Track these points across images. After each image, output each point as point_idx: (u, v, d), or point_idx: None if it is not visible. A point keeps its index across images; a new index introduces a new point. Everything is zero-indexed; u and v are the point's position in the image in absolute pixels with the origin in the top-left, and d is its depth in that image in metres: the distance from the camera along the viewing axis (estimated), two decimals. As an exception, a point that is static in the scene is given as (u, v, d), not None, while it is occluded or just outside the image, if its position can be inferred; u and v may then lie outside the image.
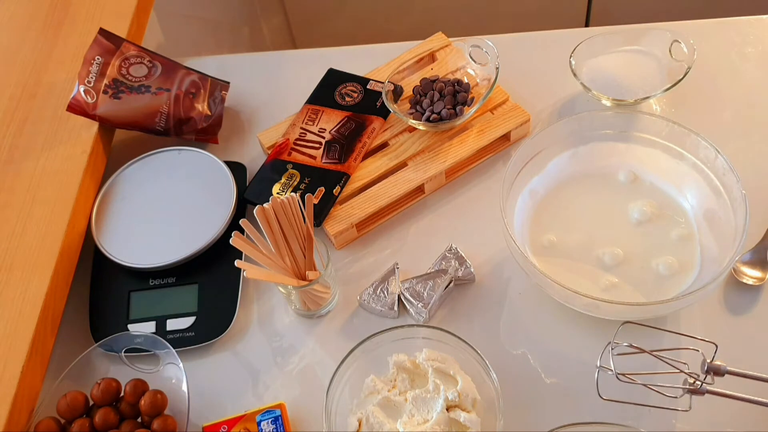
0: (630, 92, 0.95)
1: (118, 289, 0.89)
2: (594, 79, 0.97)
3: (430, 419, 0.73)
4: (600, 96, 0.96)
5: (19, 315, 0.80)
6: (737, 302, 0.82)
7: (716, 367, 0.69)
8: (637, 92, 0.95)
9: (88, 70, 0.96)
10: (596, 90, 0.96)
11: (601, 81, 0.96)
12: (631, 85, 0.95)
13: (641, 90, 0.95)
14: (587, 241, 0.84)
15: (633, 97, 0.95)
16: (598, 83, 0.96)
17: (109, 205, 0.94)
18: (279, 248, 0.81)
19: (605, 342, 0.71)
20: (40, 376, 0.80)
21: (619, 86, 0.95)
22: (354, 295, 0.87)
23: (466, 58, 1.01)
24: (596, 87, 0.96)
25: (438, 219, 0.93)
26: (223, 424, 0.77)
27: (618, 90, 0.95)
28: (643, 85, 0.95)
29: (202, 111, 1.00)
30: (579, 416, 0.73)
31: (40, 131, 0.96)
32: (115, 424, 0.77)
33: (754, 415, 0.74)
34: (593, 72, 0.97)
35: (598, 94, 0.95)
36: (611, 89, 0.95)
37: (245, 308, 0.88)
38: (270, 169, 0.95)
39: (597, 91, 0.96)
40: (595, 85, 0.96)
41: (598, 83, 0.96)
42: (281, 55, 1.15)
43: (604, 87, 0.96)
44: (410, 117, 0.96)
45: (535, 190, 0.87)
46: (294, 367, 0.84)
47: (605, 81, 0.96)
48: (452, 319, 0.85)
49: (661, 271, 0.81)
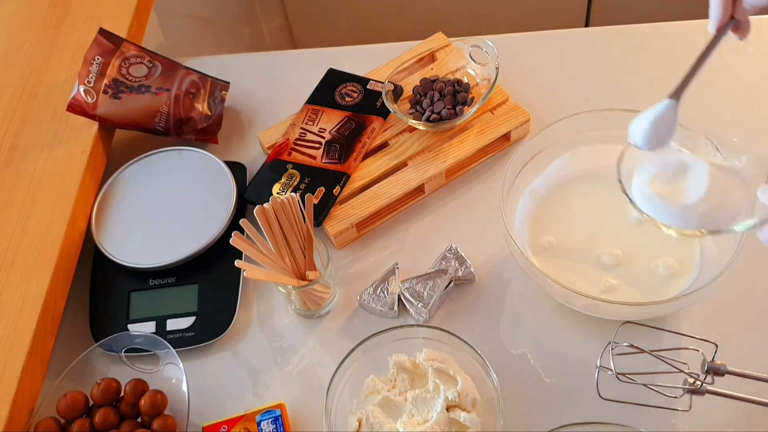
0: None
1: (118, 289, 0.89)
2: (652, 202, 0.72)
3: (430, 419, 0.73)
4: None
5: (19, 315, 0.80)
6: (737, 302, 0.82)
7: (716, 367, 0.69)
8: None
9: (88, 70, 0.96)
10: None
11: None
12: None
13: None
14: (587, 241, 0.84)
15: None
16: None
17: (109, 205, 0.94)
18: (279, 248, 0.81)
19: (605, 342, 0.71)
20: (40, 376, 0.80)
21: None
22: (354, 295, 0.87)
23: (466, 58, 1.01)
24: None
25: (438, 219, 0.93)
26: (223, 424, 0.77)
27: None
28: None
29: (202, 111, 1.00)
30: (579, 416, 0.73)
31: (40, 131, 0.96)
32: (115, 424, 0.77)
33: (754, 415, 0.74)
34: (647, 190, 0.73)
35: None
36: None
37: (245, 308, 0.88)
38: (270, 169, 0.95)
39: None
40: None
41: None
42: (281, 55, 1.15)
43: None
44: (410, 117, 0.96)
45: (535, 190, 0.87)
46: (294, 367, 0.84)
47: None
48: (452, 319, 0.85)
49: (661, 271, 0.81)
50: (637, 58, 1.06)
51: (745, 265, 0.76)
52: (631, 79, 1.03)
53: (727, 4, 0.63)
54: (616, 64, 1.05)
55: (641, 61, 1.05)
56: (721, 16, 0.64)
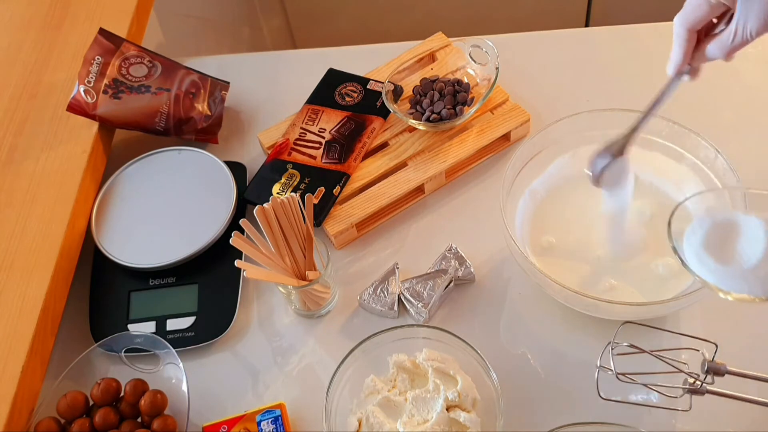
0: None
1: (118, 289, 0.89)
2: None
3: (430, 419, 0.73)
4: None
5: (19, 315, 0.80)
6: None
7: (716, 367, 0.69)
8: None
9: (88, 70, 0.96)
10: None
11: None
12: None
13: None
14: (587, 241, 0.84)
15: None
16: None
17: (109, 205, 0.94)
18: (279, 248, 0.81)
19: (605, 342, 0.71)
20: (40, 376, 0.80)
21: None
22: (354, 295, 0.87)
23: (466, 58, 1.01)
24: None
25: (438, 219, 0.93)
26: (223, 424, 0.77)
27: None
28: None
29: (202, 111, 1.00)
30: (579, 416, 0.73)
31: (40, 131, 0.96)
32: (115, 424, 0.77)
33: (754, 415, 0.74)
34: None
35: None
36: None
37: (245, 308, 0.88)
38: (270, 169, 0.95)
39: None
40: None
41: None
42: (281, 55, 1.15)
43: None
44: (410, 117, 0.96)
45: (536, 190, 0.87)
46: (294, 367, 0.84)
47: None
48: (452, 319, 0.85)
49: (661, 271, 0.81)
50: (637, 58, 1.05)
51: (745, 265, 0.76)
52: (631, 79, 1.03)
53: (688, 53, 0.70)
54: (616, 64, 1.05)
55: (641, 61, 1.05)
56: (681, 61, 0.71)
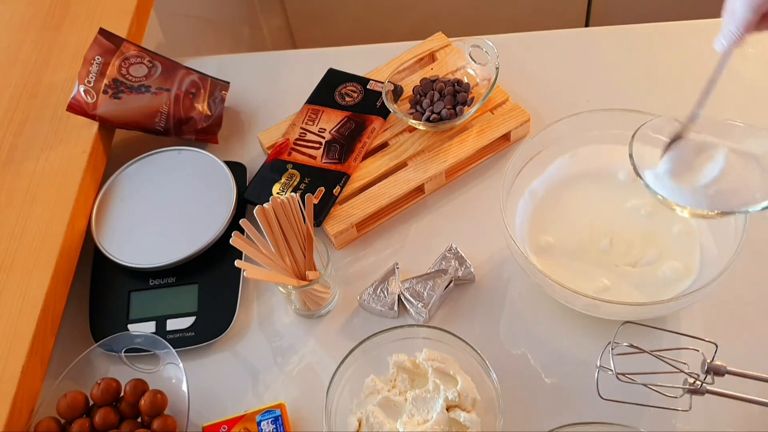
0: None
1: (118, 289, 0.89)
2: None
3: (430, 419, 0.73)
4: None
5: (19, 315, 0.80)
6: (737, 302, 0.82)
7: (716, 367, 0.69)
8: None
9: (88, 70, 0.96)
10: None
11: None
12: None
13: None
14: (587, 241, 0.84)
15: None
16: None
17: (109, 205, 0.94)
18: (279, 248, 0.81)
19: (605, 342, 0.71)
20: (40, 376, 0.80)
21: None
22: (354, 295, 0.87)
23: (466, 58, 1.01)
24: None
25: (438, 219, 0.93)
26: (223, 424, 0.77)
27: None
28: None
29: (202, 111, 1.00)
30: (579, 416, 0.73)
31: (40, 131, 0.96)
32: (115, 424, 0.77)
33: (754, 415, 0.74)
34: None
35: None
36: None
37: (245, 308, 0.88)
38: (270, 169, 0.95)
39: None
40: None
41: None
42: (281, 55, 1.15)
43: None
44: (410, 117, 0.96)
45: (535, 190, 0.87)
46: (294, 367, 0.84)
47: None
48: (452, 319, 0.85)
49: (661, 271, 0.81)
50: (637, 58, 1.05)
51: (745, 266, 0.76)
52: (631, 79, 1.03)
53: (748, 33, 0.59)
54: (616, 64, 1.05)
55: (641, 61, 1.05)
56: (739, 40, 0.61)
